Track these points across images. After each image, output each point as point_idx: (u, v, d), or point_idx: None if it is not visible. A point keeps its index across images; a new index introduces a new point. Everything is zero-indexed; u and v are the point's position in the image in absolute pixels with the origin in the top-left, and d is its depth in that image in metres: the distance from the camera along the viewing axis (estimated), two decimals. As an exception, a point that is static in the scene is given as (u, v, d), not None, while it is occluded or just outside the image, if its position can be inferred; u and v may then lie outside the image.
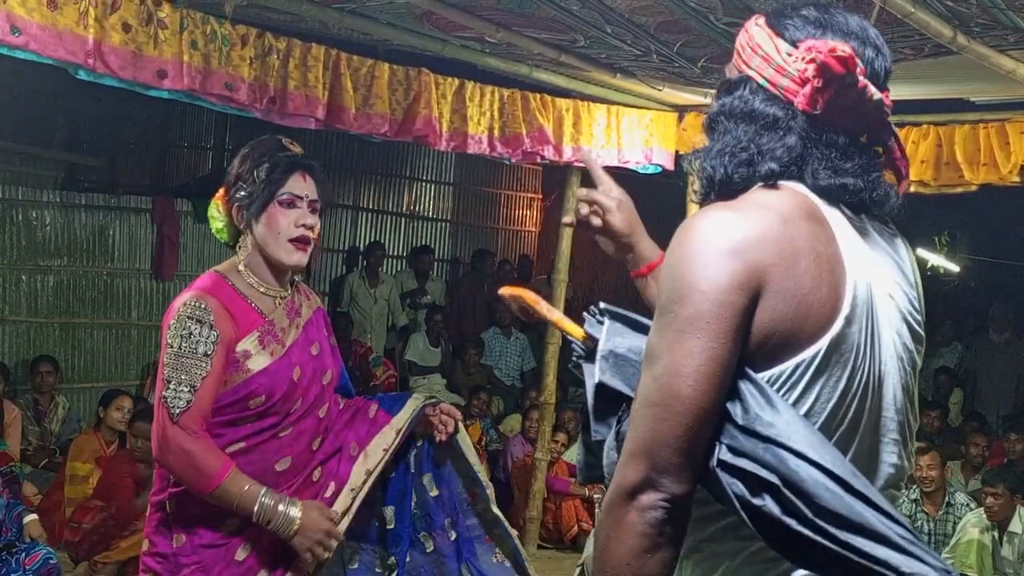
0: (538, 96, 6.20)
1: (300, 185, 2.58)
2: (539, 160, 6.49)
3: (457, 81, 5.80)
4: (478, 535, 2.87)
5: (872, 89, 1.55)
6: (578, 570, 3.26)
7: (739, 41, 1.64)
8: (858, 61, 1.54)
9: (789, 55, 1.55)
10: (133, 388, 7.56)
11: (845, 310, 1.46)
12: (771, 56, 1.57)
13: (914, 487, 6.62)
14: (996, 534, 6.08)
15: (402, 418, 2.76)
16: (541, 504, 7.14)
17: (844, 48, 1.51)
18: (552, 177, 10.77)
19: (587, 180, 7.02)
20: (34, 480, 6.47)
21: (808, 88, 1.52)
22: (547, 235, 11.38)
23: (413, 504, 2.85)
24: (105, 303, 8.51)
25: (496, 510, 2.87)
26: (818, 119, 1.54)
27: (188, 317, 2.47)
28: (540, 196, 12.09)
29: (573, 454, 7.64)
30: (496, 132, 6.01)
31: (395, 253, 10.76)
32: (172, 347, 2.47)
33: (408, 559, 2.83)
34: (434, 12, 5.16)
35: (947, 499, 6.46)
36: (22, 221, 8.16)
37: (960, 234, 10.93)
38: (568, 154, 6.39)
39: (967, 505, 6.41)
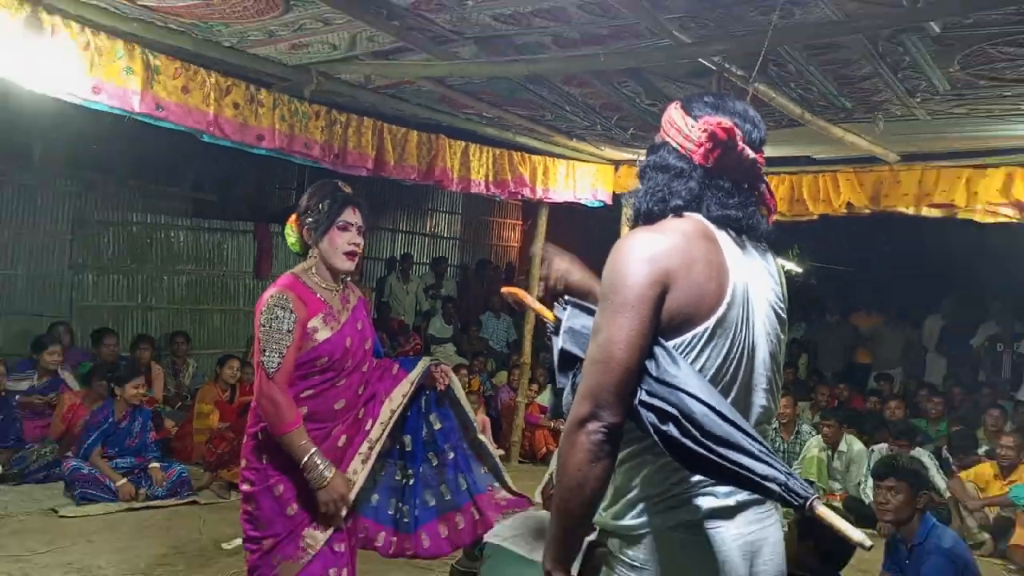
0: (519, 154, 6.19)
1: (351, 215, 2.58)
2: (520, 198, 6.49)
3: (464, 143, 5.79)
4: (470, 454, 2.87)
5: (748, 152, 1.59)
6: (547, 477, 3.24)
7: (663, 118, 1.65)
8: (738, 132, 1.56)
9: (692, 127, 1.57)
10: (241, 353, 7.51)
11: (727, 299, 1.48)
12: (681, 127, 1.59)
13: (774, 420, 6.66)
14: (830, 452, 6.12)
15: (415, 373, 2.77)
16: (521, 432, 7.14)
17: (727, 123, 1.55)
18: (528, 209, 10.78)
19: (553, 213, 6.91)
20: (172, 417, 6.46)
21: (703, 149, 1.55)
22: (525, 249, 11.39)
23: (424, 434, 2.84)
24: (221, 295, 8.50)
25: (481, 437, 2.88)
26: (711, 171, 1.57)
27: (275, 305, 2.48)
28: (521, 222, 12.09)
29: (544, 398, 7.65)
30: (491, 178, 6.00)
31: (420, 261, 10.73)
32: (264, 326, 2.47)
33: (420, 470, 2.84)
34: (448, 96, 5.15)
35: (796, 428, 6.50)
36: (163, 239, 8.14)
37: (805, 248, 10.98)
38: (540, 194, 6.38)
39: (810, 432, 6.45)
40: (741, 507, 1.50)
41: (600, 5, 3.47)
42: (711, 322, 1.46)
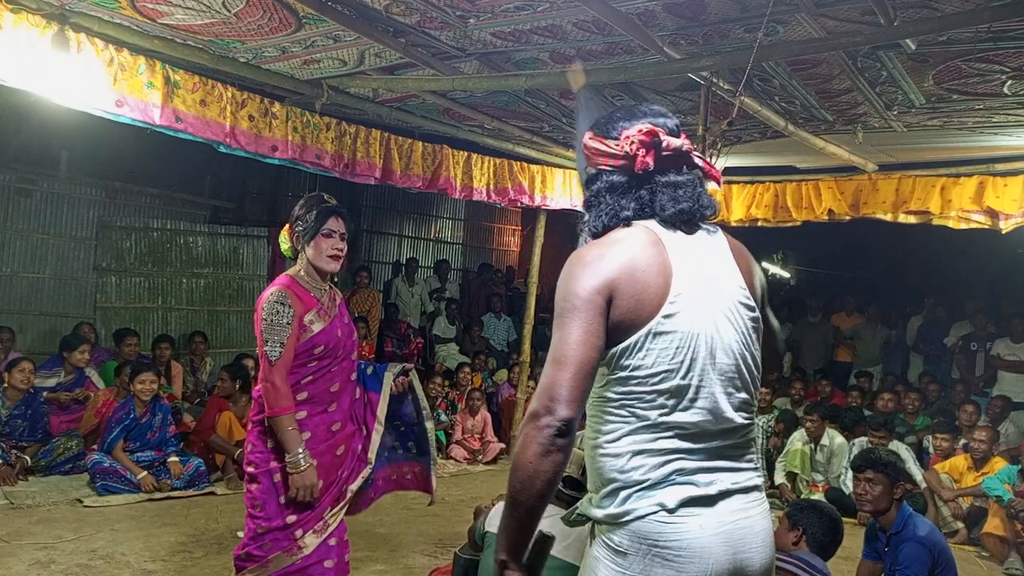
0: (519, 163, 6.20)
1: (335, 224, 2.75)
2: (519, 205, 6.50)
3: (466, 153, 5.80)
4: (420, 433, 3.12)
5: (673, 141, 1.60)
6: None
7: (584, 153, 1.68)
8: (658, 129, 1.59)
9: (616, 146, 1.61)
10: (254, 352, 7.51)
11: (671, 299, 1.49)
12: (607, 151, 1.62)
13: (768, 416, 6.66)
14: (812, 446, 6.12)
15: (384, 392, 2.96)
16: (520, 427, 7.14)
17: (646, 127, 1.59)
18: (528, 215, 10.79)
19: (551, 219, 6.92)
20: (191, 412, 6.45)
21: (637, 159, 1.58)
22: (524, 253, 11.37)
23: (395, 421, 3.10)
24: (237, 296, 8.46)
25: (428, 425, 3.12)
26: (654, 171, 1.59)
27: (276, 301, 2.64)
28: (520, 228, 12.07)
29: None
30: (492, 186, 6.01)
31: (425, 264, 10.72)
32: (266, 320, 2.62)
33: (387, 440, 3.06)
34: (451, 108, 5.17)
35: (769, 415, 6.50)
36: (182, 244, 8.12)
37: (788, 253, 10.99)
38: (538, 201, 6.39)
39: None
40: (723, 495, 1.49)
41: (594, 23, 3.49)
42: (653, 323, 1.47)
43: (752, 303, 1.61)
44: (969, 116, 4.56)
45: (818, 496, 5.62)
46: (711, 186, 1.67)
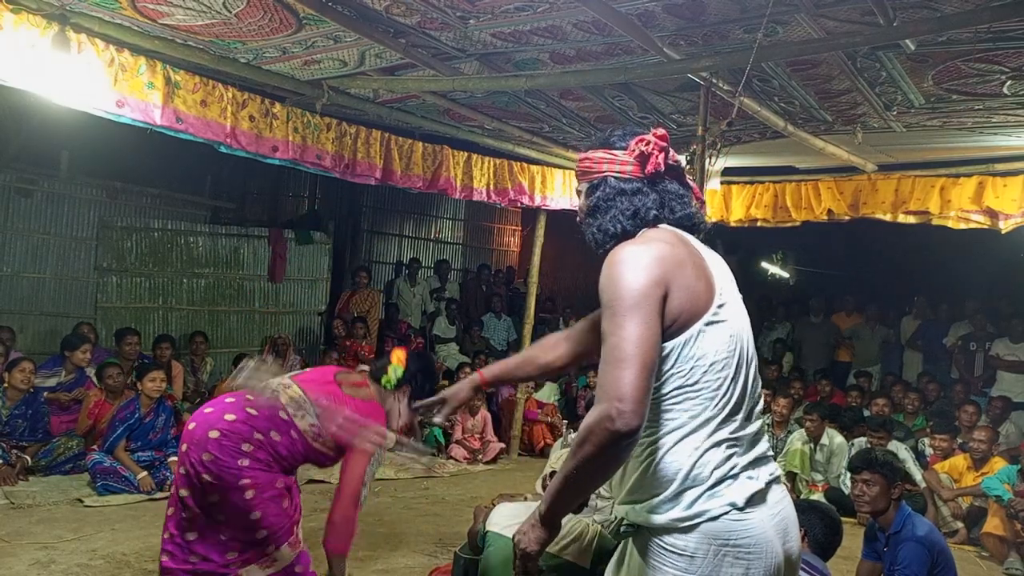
0: (518, 163, 6.20)
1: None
2: (519, 205, 6.50)
3: (466, 153, 5.80)
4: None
5: (675, 155, 1.67)
6: (547, 469, 3.23)
7: (582, 167, 1.71)
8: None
9: (626, 152, 1.64)
10: (255, 352, 7.51)
11: (718, 292, 1.53)
12: (614, 159, 1.65)
13: (768, 415, 6.65)
14: (812, 445, 6.11)
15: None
16: (520, 427, 7.14)
17: (660, 131, 1.65)
18: (527, 216, 10.78)
19: (551, 219, 6.91)
20: (191, 412, 6.44)
21: (650, 160, 1.62)
22: (524, 253, 11.36)
23: None
24: (238, 297, 8.46)
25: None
26: (661, 176, 1.64)
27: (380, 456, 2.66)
28: (519, 228, 12.07)
29: (542, 394, 7.65)
30: (492, 186, 6.01)
31: (426, 264, 10.72)
32: (372, 466, 2.61)
33: None
34: (451, 109, 5.17)
35: (788, 427, 6.50)
36: (183, 244, 8.12)
37: (788, 253, 10.97)
38: (538, 201, 6.39)
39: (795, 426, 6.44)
40: (768, 487, 1.52)
41: (594, 24, 3.49)
42: (709, 313, 1.50)
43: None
44: (969, 116, 4.56)
45: (818, 496, 5.61)
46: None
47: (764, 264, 10.81)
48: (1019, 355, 7.04)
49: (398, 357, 2.72)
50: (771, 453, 1.61)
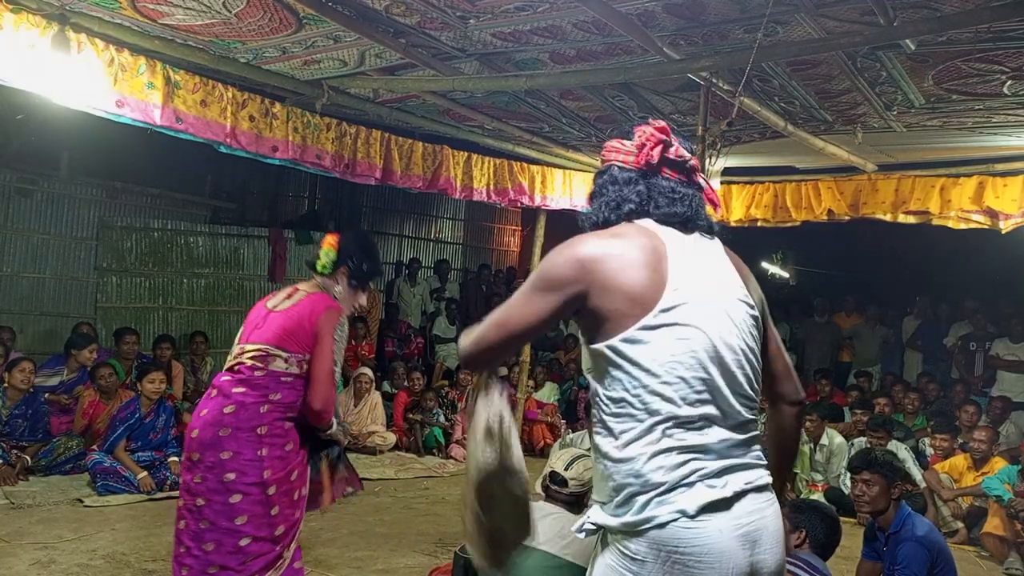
0: (518, 163, 6.19)
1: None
2: (519, 205, 6.49)
3: (466, 153, 5.79)
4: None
5: (682, 151, 1.67)
6: (546, 469, 3.23)
7: (601, 155, 1.76)
8: (672, 137, 1.67)
9: (631, 143, 1.68)
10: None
11: (668, 294, 1.50)
12: (621, 148, 1.69)
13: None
14: (812, 445, 6.11)
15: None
16: (520, 426, 7.14)
17: (660, 123, 1.67)
18: (527, 216, 10.79)
19: (551, 219, 6.89)
20: (190, 412, 6.44)
21: (646, 149, 1.64)
22: (524, 253, 11.38)
23: None
24: (238, 296, 8.48)
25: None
26: (653, 171, 1.65)
27: (341, 323, 2.66)
28: (519, 228, 12.09)
29: (541, 394, 7.66)
30: (492, 186, 6.00)
31: (427, 264, 10.73)
32: (338, 340, 2.63)
33: None
34: (451, 109, 5.17)
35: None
36: (183, 244, 8.15)
37: (789, 253, 10.96)
38: (538, 201, 6.39)
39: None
40: (738, 496, 1.47)
41: (594, 24, 3.48)
42: (648, 319, 1.47)
43: (751, 301, 1.62)
44: (969, 116, 4.56)
45: (818, 496, 5.61)
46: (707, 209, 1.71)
47: (764, 264, 10.80)
48: (1019, 355, 7.04)
49: (327, 241, 2.77)
50: (759, 462, 1.55)
